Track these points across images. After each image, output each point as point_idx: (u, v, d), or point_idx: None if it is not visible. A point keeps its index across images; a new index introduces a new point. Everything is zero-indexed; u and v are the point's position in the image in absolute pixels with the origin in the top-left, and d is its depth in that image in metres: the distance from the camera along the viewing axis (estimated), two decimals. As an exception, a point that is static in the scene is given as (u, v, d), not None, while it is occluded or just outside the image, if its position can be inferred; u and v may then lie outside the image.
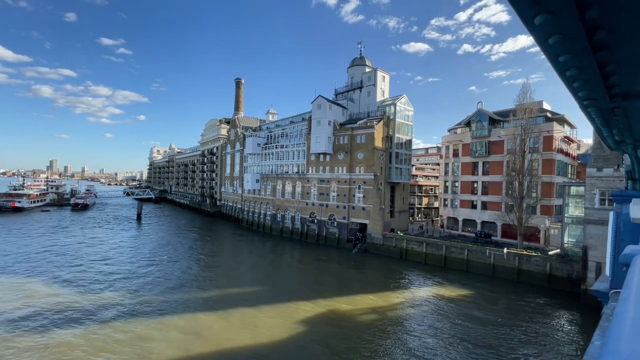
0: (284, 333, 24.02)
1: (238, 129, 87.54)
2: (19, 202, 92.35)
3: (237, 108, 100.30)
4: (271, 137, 74.32)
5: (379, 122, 54.92)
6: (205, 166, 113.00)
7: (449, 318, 27.66)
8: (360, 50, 68.01)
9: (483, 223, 54.48)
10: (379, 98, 61.76)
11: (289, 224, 65.16)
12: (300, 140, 65.40)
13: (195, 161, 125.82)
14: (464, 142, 58.05)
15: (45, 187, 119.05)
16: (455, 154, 59.66)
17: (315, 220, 59.89)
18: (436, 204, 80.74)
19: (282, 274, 42.59)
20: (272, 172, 71.23)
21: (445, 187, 61.88)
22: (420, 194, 79.84)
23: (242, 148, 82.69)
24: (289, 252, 54.27)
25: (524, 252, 39.11)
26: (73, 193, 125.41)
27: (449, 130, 63.57)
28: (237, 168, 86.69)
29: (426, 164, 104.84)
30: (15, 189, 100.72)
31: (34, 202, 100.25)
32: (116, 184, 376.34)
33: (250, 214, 77.19)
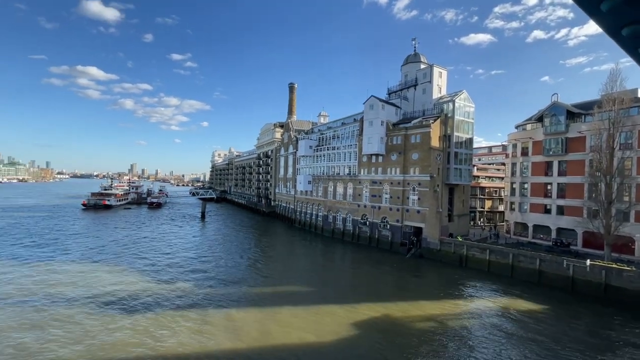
0: (335, 336, 23.92)
1: (291, 132, 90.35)
2: (108, 200, 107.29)
3: (290, 112, 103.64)
4: (323, 139, 75.22)
5: (435, 120, 52.07)
6: (260, 168, 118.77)
7: (516, 336, 24.90)
8: (415, 47, 65.42)
9: (559, 230, 48.25)
10: (436, 95, 58.61)
11: (340, 225, 65.15)
12: (351, 141, 65.07)
13: (252, 163, 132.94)
14: (535, 139, 52.16)
15: (127, 188, 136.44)
16: (525, 153, 53.89)
17: (367, 223, 58.94)
18: (501, 208, 73.82)
19: (334, 275, 42.65)
20: (323, 174, 72.01)
21: (512, 189, 56.23)
22: (482, 197, 73.78)
23: (294, 150, 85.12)
24: (340, 254, 54.21)
25: (613, 265, 33.61)
26: (149, 193, 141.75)
27: (516, 127, 57.68)
28: (290, 170, 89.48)
29: (489, 164, 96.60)
30: (105, 189, 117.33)
31: (119, 200, 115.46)
32: (183, 185, 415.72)
33: (303, 214, 78.97)
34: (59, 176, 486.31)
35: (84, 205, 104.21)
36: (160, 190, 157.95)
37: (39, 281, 33.35)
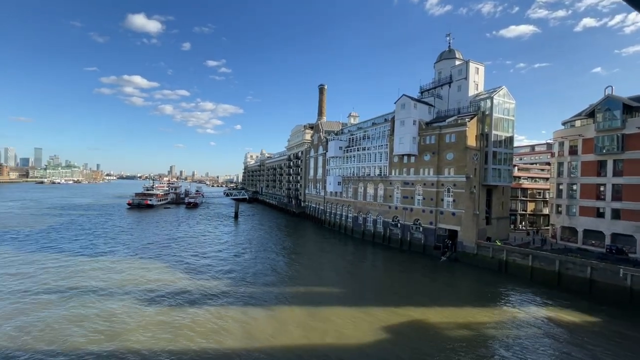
0: (375, 336, 23.60)
1: (321, 133, 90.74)
2: (150, 200, 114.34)
3: (320, 113, 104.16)
4: (353, 139, 74.71)
5: (471, 118, 49.68)
6: (291, 169, 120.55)
7: (565, 351, 22.93)
8: (449, 43, 62.94)
9: (614, 236, 43.87)
10: (472, 92, 55.91)
11: (371, 227, 64.22)
12: (382, 141, 63.97)
13: (283, 165, 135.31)
14: (585, 136, 47.93)
15: (167, 189, 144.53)
16: (573, 152, 49.70)
17: (399, 225, 57.56)
18: (546, 211, 68.67)
19: (367, 277, 42.05)
20: (353, 175, 71.46)
21: (559, 191, 52.08)
22: (524, 199, 69.14)
23: (324, 151, 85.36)
24: (370, 256, 53.42)
25: (682, 277, 29.91)
26: (187, 193, 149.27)
27: (563, 124, 53.40)
28: (320, 171, 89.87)
29: (532, 164, 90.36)
30: (147, 190, 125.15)
31: (160, 200, 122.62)
32: (218, 186, 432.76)
33: (332, 215, 78.89)
34: (107, 177, 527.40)
35: (129, 204, 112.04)
36: (197, 191, 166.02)
37: (88, 276, 36.27)
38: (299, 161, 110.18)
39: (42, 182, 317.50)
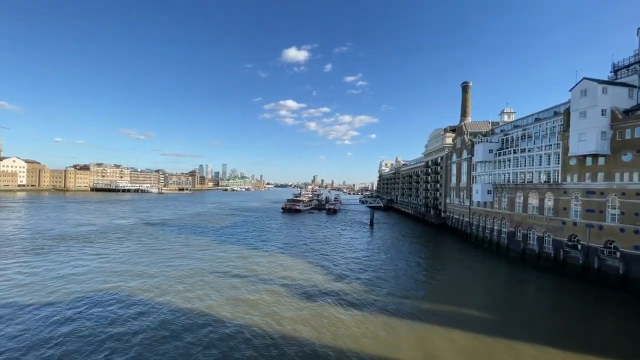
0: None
1: (465, 135, 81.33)
2: (298, 205, 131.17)
3: (463, 114, 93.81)
4: (507, 140, 63.31)
5: None
6: (429, 177, 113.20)
7: None
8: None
9: None
10: None
11: (535, 245, 52.00)
12: (550, 140, 51.35)
13: (419, 172, 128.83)
14: None
15: (311, 196, 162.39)
16: None
17: (579, 246, 44.21)
18: None
19: (526, 307, 33.98)
20: (508, 182, 60.20)
21: None
22: None
23: (469, 156, 75.93)
24: (533, 282, 43.06)
25: None
26: (327, 200, 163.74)
27: None
28: (463, 178, 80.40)
29: None
30: (296, 197, 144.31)
31: (306, 206, 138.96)
32: (354, 194, 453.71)
33: (480, 229, 68.64)
34: (267, 186, 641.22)
35: (282, 208, 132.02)
36: (335, 198, 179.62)
37: (256, 265, 44.19)
38: (439, 168, 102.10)
39: (225, 190, 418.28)
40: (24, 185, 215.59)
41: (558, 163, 49.20)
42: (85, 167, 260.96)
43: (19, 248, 48.65)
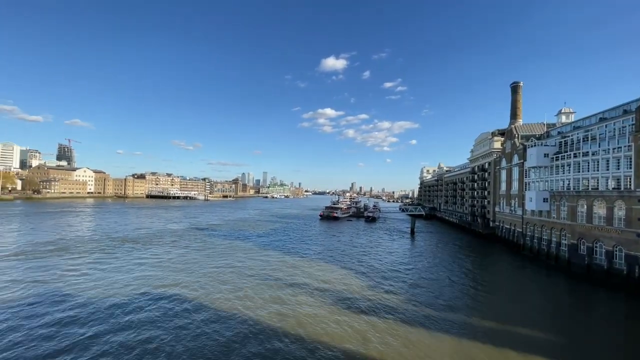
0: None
1: (516, 139, 75.71)
2: (336, 213, 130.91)
3: (513, 116, 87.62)
4: (565, 143, 57.74)
5: None
6: (475, 184, 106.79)
7: None
8: None
9: None
10: None
11: (603, 260, 46.27)
12: (619, 142, 45.83)
13: (465, 179, 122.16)
14: None
15: (349, 203, 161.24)
16: None
17: (660, 263, 38.45)
18: None
19: (587, 330, 30.11)
20: (568, 189, 54.63)
21: None
22: None
23: (521, 161, 70.40)
24: (601, 303, 38.07)
25: None
26: (365, 208, 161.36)
27: None
28: (514, 185, 74.60)
29: None
30: (334, 204, 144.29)
31: (344, 213, 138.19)
32: (394, 201, 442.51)
33: (535, 240, 62.83)
34: (306, 193, 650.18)
35: (320, 216, 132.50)
36: (374, 205, 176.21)
37: (297, 270, 44.70)
38: (486, 174, 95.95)
39: (266, 197, 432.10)
40: (92, 193, 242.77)
41: (630, 168, 43.68)
42: (142, 176, 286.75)
43: (93, 247, 55.78)
